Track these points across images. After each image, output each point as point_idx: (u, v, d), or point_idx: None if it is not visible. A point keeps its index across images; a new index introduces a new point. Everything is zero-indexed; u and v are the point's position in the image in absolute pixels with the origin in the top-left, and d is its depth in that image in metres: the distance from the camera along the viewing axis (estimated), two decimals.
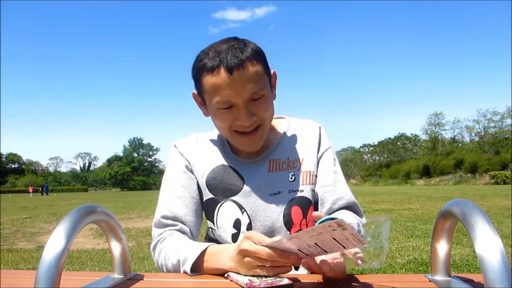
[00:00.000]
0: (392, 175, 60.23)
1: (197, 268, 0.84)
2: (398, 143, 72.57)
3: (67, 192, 64.40)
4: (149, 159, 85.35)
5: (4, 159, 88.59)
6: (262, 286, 0.70)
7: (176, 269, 0.88)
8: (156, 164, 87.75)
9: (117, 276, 0.77)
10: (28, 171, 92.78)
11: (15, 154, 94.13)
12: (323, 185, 1.03)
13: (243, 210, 0.99)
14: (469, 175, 47.04)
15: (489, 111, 57.31)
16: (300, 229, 0.97)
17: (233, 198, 1.00)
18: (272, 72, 0.99)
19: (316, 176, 1.04)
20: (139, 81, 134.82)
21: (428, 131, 65.37)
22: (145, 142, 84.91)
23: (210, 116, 1.00)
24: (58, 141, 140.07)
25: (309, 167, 1.03)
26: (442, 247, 0.70)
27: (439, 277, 0.71)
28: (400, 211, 9.34)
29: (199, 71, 0.92)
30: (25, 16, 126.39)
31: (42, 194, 45.97)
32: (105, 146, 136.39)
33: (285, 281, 0.72)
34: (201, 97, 0.97)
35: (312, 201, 1.02)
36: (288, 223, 0.98)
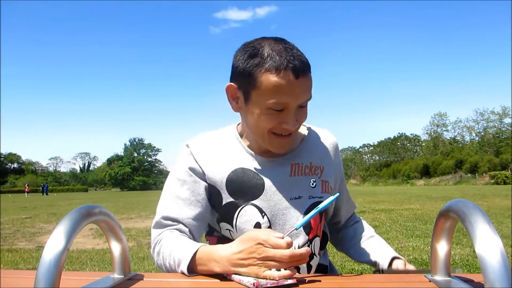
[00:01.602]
0: (392, 175, 60.21)
1: (193, 268, 0.84)
2: (398, 143, 72.58)
3: (67, 192, 64.36)
4: (150, 159, 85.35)
5: (4, 159, 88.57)
6: (269, 285, 0.70)
7: (174, 270, 0.88)
8: (156, 165, 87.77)
9: (117, 276, 0.77)
10: (28, 171, 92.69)
11: (15, 154, 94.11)
12: (339, 199, 1.12)
13: (263, 214, 0.98)
14: (469, 175, 47.02)
15: (486, 111, 57.45)
16: (317, 235, 1.02)
17: (254, 202, 0.98)
18: None
19: (332, 188, 1.07)
20: (139, 80, 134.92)
21: (431, 131, 65.39)
22: (146, 142, 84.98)
23: (241, 112, 0.99)
24: (58, 141, 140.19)
25: (328, 177, 1.05)
26: (442, 247, 0.70)
27: (439, 277, 0.71)
28: (400, 211, 9.34)
29: (256, 66, 0.88)
30: (25, 16, 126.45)
31: (42, 194, 45.95)
32: (105, 146, 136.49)
33: (290, 281, 0.72)
34: (246, 92, 0.93)
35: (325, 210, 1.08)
36: (307, 227, 0.99)
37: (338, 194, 0.89)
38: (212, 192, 1.01)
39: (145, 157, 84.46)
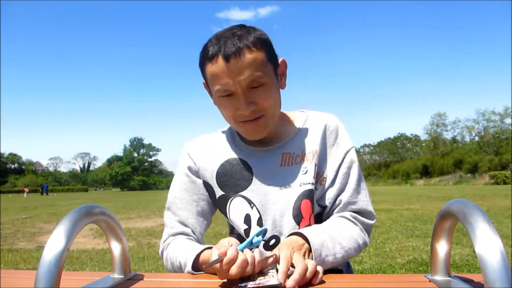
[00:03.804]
0: (392, 175, 60.19)
1: (197, 269, 0.85)
2: (398, 143, 72.58)
3: (67, 192, 64.37)
4: (149, 159, 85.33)
5: (4, 159, 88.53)
6: (249, 286, 0.69)
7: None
8: (156, 165, 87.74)
9: (117, 276, 0.77)
10: (28, 171, 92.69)
11: (15, 154, 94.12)
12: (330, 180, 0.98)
13: (252, 205, 0.97)
14: (469, 175, 47.05)
15: (487, 111, 57.48)
16: (309, 224, 0.95)
17: (242, 193, 0.99)
18: (280, 60, 0.97)
19: (321, 172, 0.98)
20: (140, 80, 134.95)
21: (431, 131, 65.38)
22: (145, 142, 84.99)
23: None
24: (58, 141, 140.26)
25: (319, 160, 0.98)
26: (442, 247, 0.70)
27: (439, 277, 0.71)
28: (400, 211, 9.34)
29: (202, 59, 0.92)
30: (25, 16, 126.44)
31: (42, 194, 45.92)
32: (105, 146, 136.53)
33: (273, 281, 0.70)
34: (207, 86, 0.97)
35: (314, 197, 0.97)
36: (297, 216, 0.95)
37: (265, 227, 0.81)
38: (207, 187, 1.04)
39: (145, 157, 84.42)
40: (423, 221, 7.22)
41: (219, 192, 1.02)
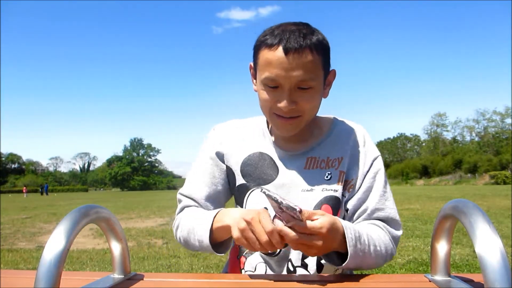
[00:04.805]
0: (392, 175, 60.18)
1: (214, 239, 0.90)
2: (398, 143, 72.59)
3: (67, 192, 64.35)
4: (149, 159, 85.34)
5: (4, 159, 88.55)
6: (278, 198, 0.73)
7: (199, 248, 0.93)
8: (156, 165, 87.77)
9: (117, 276, 0.77)
10: (28, 171, 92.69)
11: (15, 154, 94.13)
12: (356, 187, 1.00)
13: None
14: (469, 175, 47.05)
15: (487, 111, 57.53)
16: None
17: (264, 186, 0.99)
18: (332, 70, 0.99)
19: (349, 180, 0.99)
20: (140, 80, 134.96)
21: (431, 131, 65.38)
22: (145, 142, 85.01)
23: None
24: (58, 141, 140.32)
25: (345, 168, 0.99)
26: (442, 247, 0.70)
27: (439, 277, 0.71)
28: (400, 211, 9.19)
29: (260, 43, 0.93)
30: (25, 16, 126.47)
31: (42, 194, 45.93)
32: (105, 146, 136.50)
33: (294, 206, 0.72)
34: (255, 69, 0.98)
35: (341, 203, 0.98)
36: None
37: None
38: (229, 173, 1.06)
39: (145, 157, 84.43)
40: (423, 221, 7.23)
41: (240, 180, 1.03)
